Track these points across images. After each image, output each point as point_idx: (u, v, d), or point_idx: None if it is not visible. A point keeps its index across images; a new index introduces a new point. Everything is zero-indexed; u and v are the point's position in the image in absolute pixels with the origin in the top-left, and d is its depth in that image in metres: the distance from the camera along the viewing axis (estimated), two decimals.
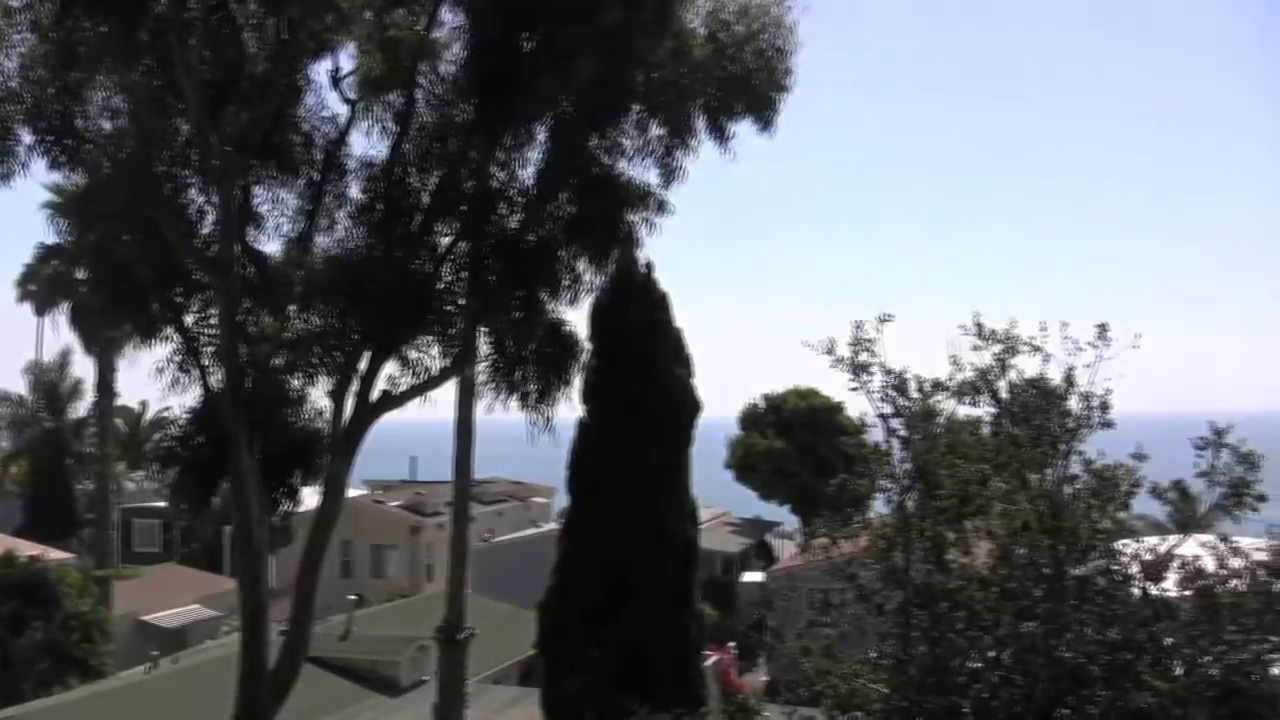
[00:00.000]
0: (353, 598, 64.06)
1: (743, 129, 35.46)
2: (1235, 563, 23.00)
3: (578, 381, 37.88)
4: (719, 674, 57.92)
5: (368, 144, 35.03)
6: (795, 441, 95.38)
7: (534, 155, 35.09)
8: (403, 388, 34.97)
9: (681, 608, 46.42)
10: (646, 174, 35.48)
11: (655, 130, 35.00)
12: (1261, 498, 22.60)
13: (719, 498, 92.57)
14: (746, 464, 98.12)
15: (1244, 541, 23.78)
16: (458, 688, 42.26)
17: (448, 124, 34.77)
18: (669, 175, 35.39)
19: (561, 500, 59.43)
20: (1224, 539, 23.34)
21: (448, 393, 37.81)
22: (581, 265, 35.34)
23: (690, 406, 47.83)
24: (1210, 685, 21.58)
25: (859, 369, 23.30)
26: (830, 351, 23.40)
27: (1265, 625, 22.25)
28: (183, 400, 35.32)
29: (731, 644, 64.23)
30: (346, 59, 34.52)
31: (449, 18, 34.61)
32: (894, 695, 22.66)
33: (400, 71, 33.99)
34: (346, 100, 34.81)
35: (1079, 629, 22.02)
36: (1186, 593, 22.71)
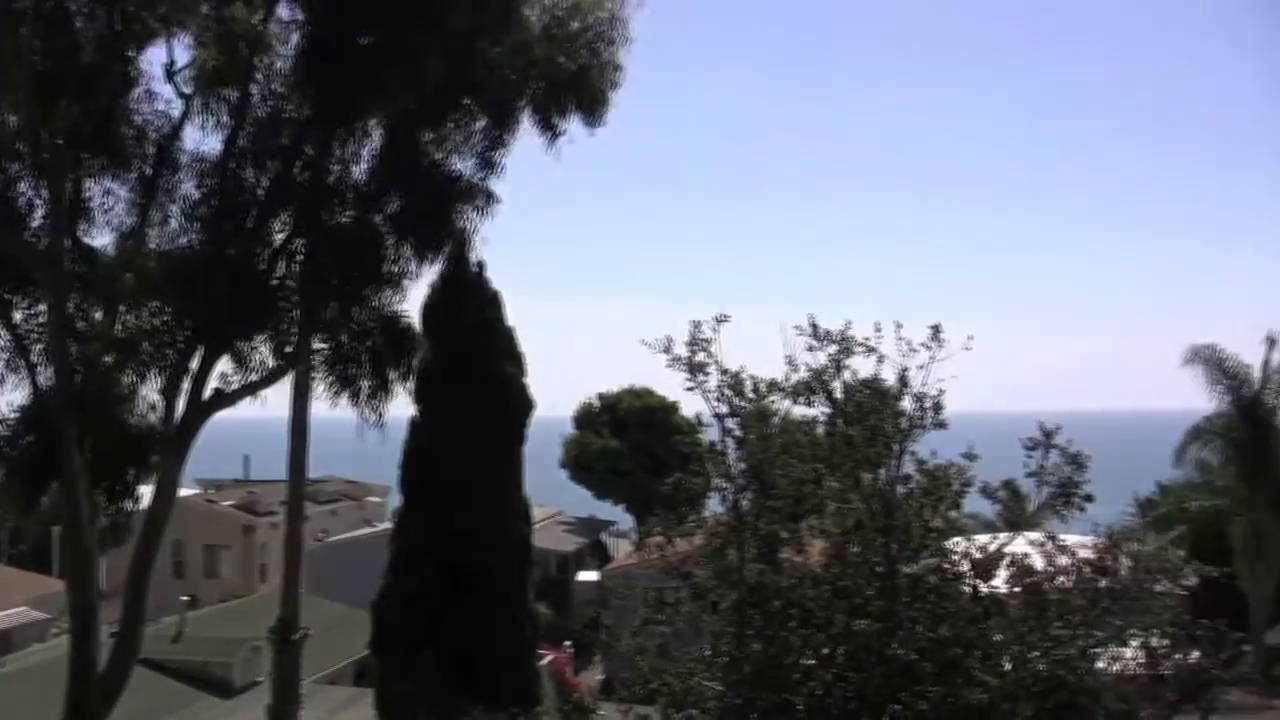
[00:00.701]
0: (185, 599, 63.28)
1: (575, 125, 35.57)
2: (1063, 560, 23.43)
3: (411, 379, 37.68)
4: (554, 673, 57.98)
5: (201, 138, 34.39)
6: (630, 441, 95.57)
7: (368, 150, 34.86)
8: (235, 385, 34.57)
9: (516, 607, 46.39)
10: (470, 167, 35.44)
11: (480, 124, 34.95)
12: (1089, 497, 23.02)
13: (554, 497, 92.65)
14: (581, 463, 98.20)
15: (1071, 540, 24.24)
16: (292, 688, 41.88)
17: (283, 118, 34.40)
18: (489, 168, 35.34)
19: (396, 499, 59.12)
20: (1052, 537, 23.77)
21: (282, 390, 37.42)
22: (412, 260, 35.18)
23: (523, 405, 47.81)
24: (1038, 680, 21.95)
25: (696, 369, 23.35)
26: (667, 351, 23.43)
27: (1090, 621, 22.69)
28: (10, 399, 34.61)
29: (567, 643, 64.34)
30: (181, 51, 34.02)
31: (286, 12, 34.26)
32: (729, 693, 22.76)
33: (236, 65, 33.55)
34: (181, 93, 34.28)
35: (911, 626, 22.27)
36: (1016, 590, 23.09)
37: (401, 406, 39.81)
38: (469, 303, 46.36)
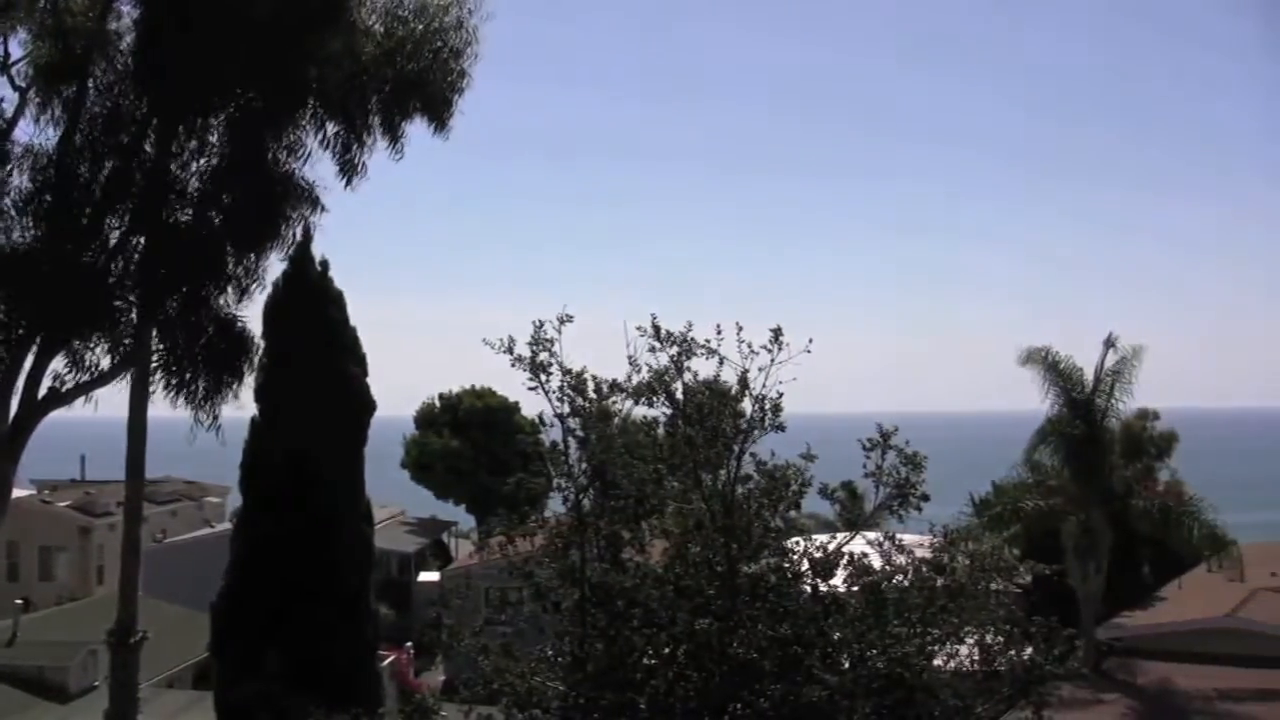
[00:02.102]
0: (19, 601, 62.13)
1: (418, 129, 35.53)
2: (900, 560, 23.78)
3: (250, 380, 37.41)
4: (396, 674, 57.76)
5: (35, 131, 33.92)
6: (471, 441, 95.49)
7: (208, 149, 34.56)
8: (71, 385, 34.12)
9: (357, 608, 46.12)
10: (323, 171, 35.24)
11: (331, 128, 34.76)
12: (925, 497, 23.37)
13: (395, 497, 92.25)
14: (422, 464, 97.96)
15: (909, 539, 24.60)
16: (130, 692, 41.35)
17: (121, 115, 34.01)
18: (349, 173, 35.18)
19: (236, 500, 58.58)
20: (890, 537, 24.11)
21: (120, 389, 36.95)
22: (251, 262, 34.93)
23: (364, 405, 47.56)
24: (876, 677, 22.25)
25: (538, 369, 23.40)
26: (510, 351, 23.45)
27: (928, 619, 23.07)
28: None
29: (408, 644, 64.05)
30: (16, 45, 33.55)
31: (125, 8, 33.90)
32: (571, 693, 22.82)
33: (73, 60, 33.13)
34: (15, 87, 33.80)
35: (751, 625, 22.49)
36: (854, 589, 23.39)
37: (243, 406, 39.54)
38: (311, 302, 46.02)
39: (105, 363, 34.32)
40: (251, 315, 37.03)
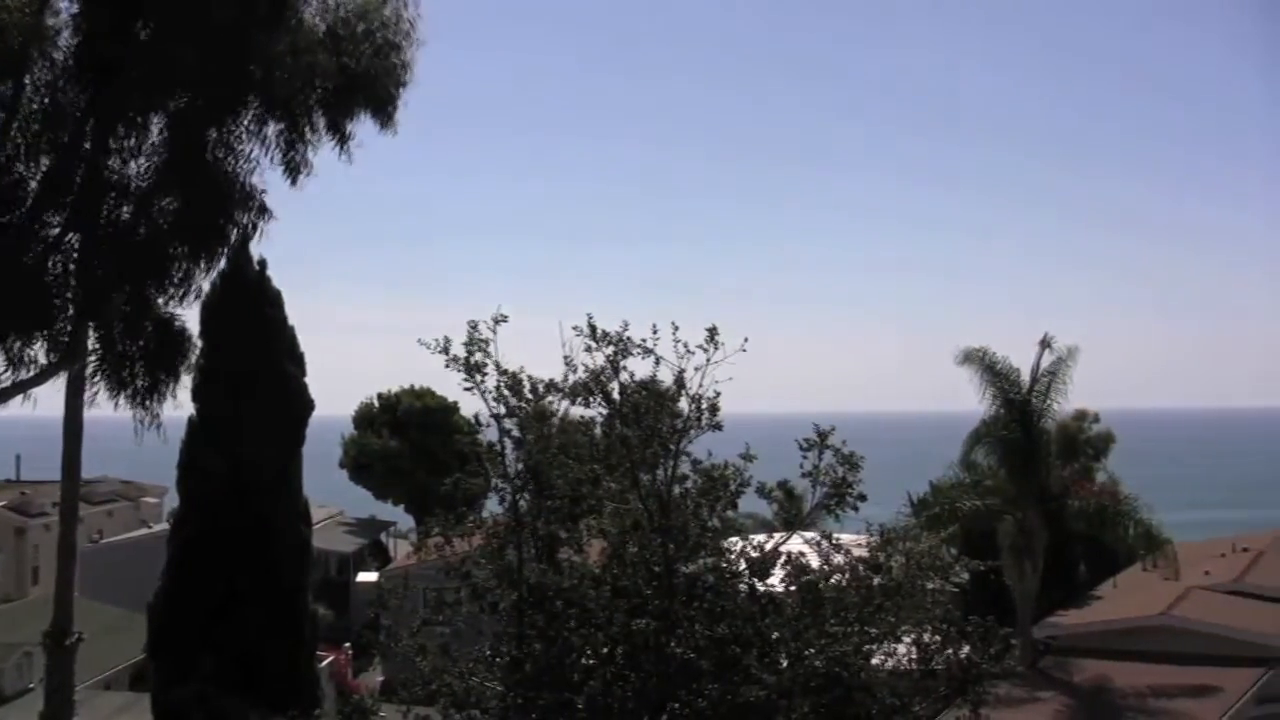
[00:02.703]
0: None
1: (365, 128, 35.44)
2: (837, 559, 23.90)
3: (189, 380, 37.25)
4: (334, 675, 57.58)
5: None
6: (410, 441, 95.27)
7: (148, 148, 34.34)
8: (7, 383, 33.89)
9: (295, 609, 46.02)
10: (266, 172, 35.09)
11: (274, 127, 34.64)
12: (862, 496, 23.50)
13: (334, 498, 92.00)
14: (361, 464, 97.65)
15: (847, 538, 24.71)
16: (66, 695, 41.04)
17: (60, 112, 33.75)
18: (293, 172, 35.06)
19: (173, 500, 58.27)
20: (827, 536, 24.21)
21: (55, 388, 36.70)
22: (191, 262, 34.75)
23: (302, 405, 47.45)
24: (814, 676, 22.36)
25: (473, 369, 23.39)
26: (445, 351, 23.43)
27: (865, 618, 23.20)
28: None
29: (347, 644, 63.91)
30: None
31: (64, 4, 33.67)
32: (509, 693, 22.84)
33: (9, 56, 32.85)
34: None
35: (689, 625, 22.57)
36: (792, 588, 23.49)
37: (182, 406, 39.33)
38: (250, 302, 45.89)
39: (42, 360, 34.05)
40: (190, 315, 36.82)
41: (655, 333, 23.15)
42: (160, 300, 35.02)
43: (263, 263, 46.00)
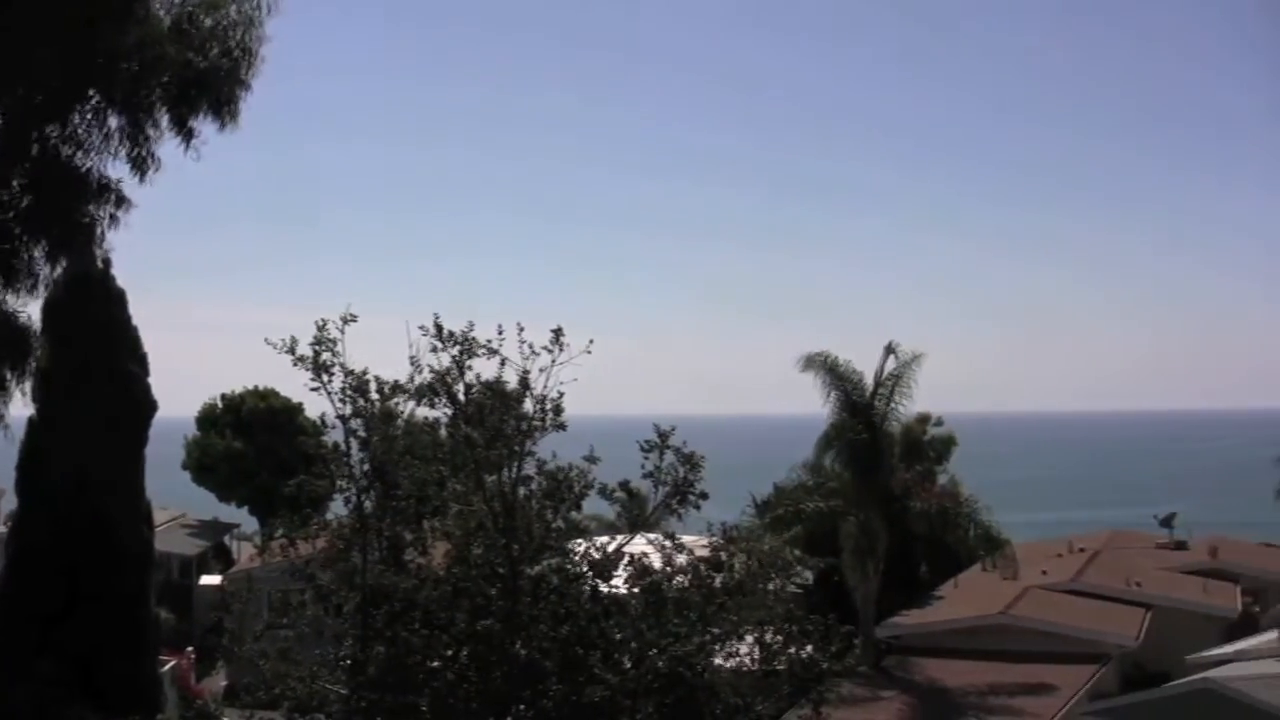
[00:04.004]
0: None
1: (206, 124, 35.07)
2: (680, 559, 24.10)
3: (30, 378, 36.70)
4: (177, 679, 56.93)
5: None
6: (254, 442, 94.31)
7: None
8: None
9: (136, 612, 45.45)
10: (111, 166, 34.62)
11: (115, 121, 34.20)
12: (704, 495, 23.72)
13: (177, 500, 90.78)
14: (204, 465, 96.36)
15: (690, 539, 24.92)
16: None
17: None
18: (140, 167, 34.63)
19: (11, 501, 57.33)
20: (671, 537, 24.40)
21: None
22: (36, 257, 34.23)
23: (144, 406, 46.90)
24: (657, 677, 22.53)
25: (320, 369, 23.32)
26: (292, 351, 23.35)
27: (707, 618, 23.43)
28: None
29: (189, 648, 63.19)
30: None
31: None
32: (353, 695, 22.81)
33: None
34: None
35: (533, 626, 22.67)
36: (635, 589, 23.65)
37: (26, 404, 38.74)
38: (92, 301, 45.27)
39: None
40: (32, 311, 36.22)
41: (501, 333, 23.23)
42: (4, 295, 34.45)
43: (107, 261, 45.35)
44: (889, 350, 47.00)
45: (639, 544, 24.56)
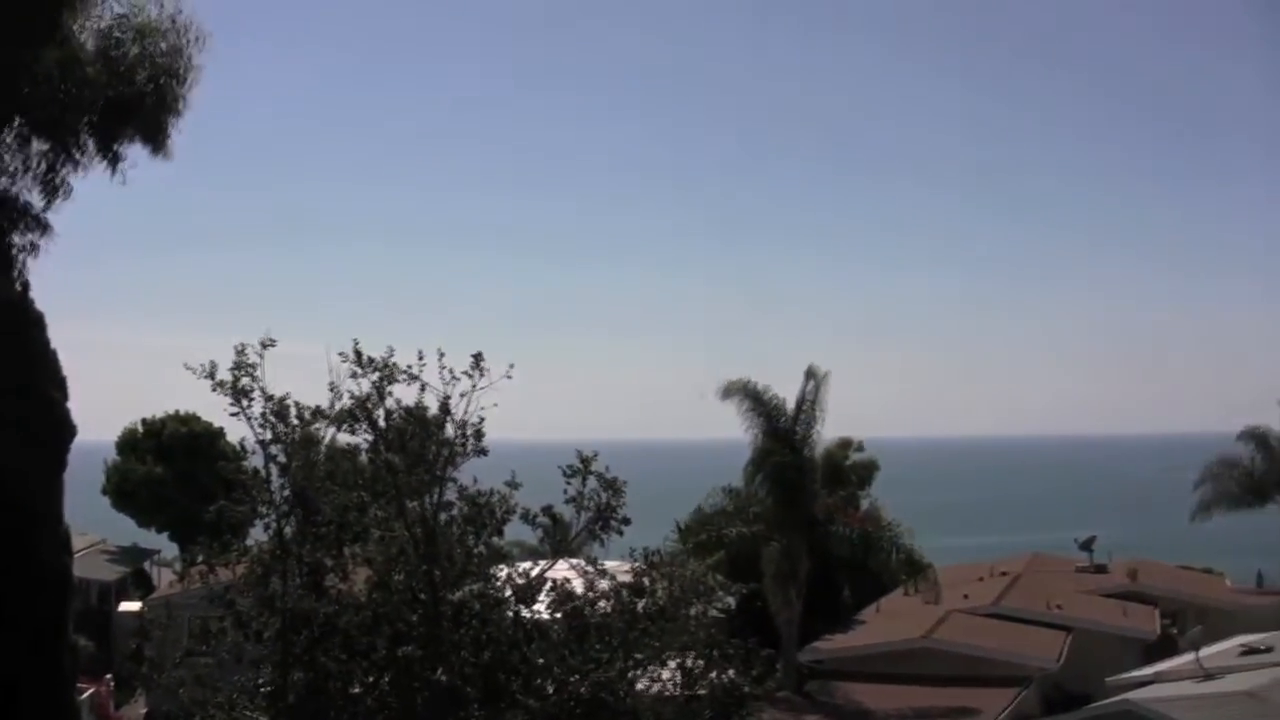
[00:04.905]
0: None
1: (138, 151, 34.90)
2: (603, 585, 24.09)
3: None
4: (96, 707, 56.46)
5: None
6: (175, 467, 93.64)
7: None
8: None
9: (54, 640, 44.99)
10: (27, 191, 34.39)
11: (38, 146, 33.96)
12: (626, 521, 23.75)
13: (96, 524, 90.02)
14: (124, 490, 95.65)
15: (612, 564, 24.92)
16: None
17: None
18: (51, 193, 34.38)
19: None
20: (593, 562, 24.39)
21: None
22: None
23: (64, 429, 46.48)
24: (580, 703, 22.55)
25: (239, 394, 23.22)
26: (211, 376, 23.24)
27: (630, 643, 23.43)
28: None
29: (109, 676, 62.66)
30: None
31: None
32: None
33: None
34: None
35: (455, 652, 22.61)
36: (558, 615, 23.64)
37: None
38: (10, 324, 44.90)
39: None
40: None
41: (421, 359, 23.22)
42: None
43: (25, 284, 45.02)
44: (809, 375, 47.12)
45: (562, 569, 24.56)
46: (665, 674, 24.51)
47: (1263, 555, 71.48)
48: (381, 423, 23.40)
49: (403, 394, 23.53)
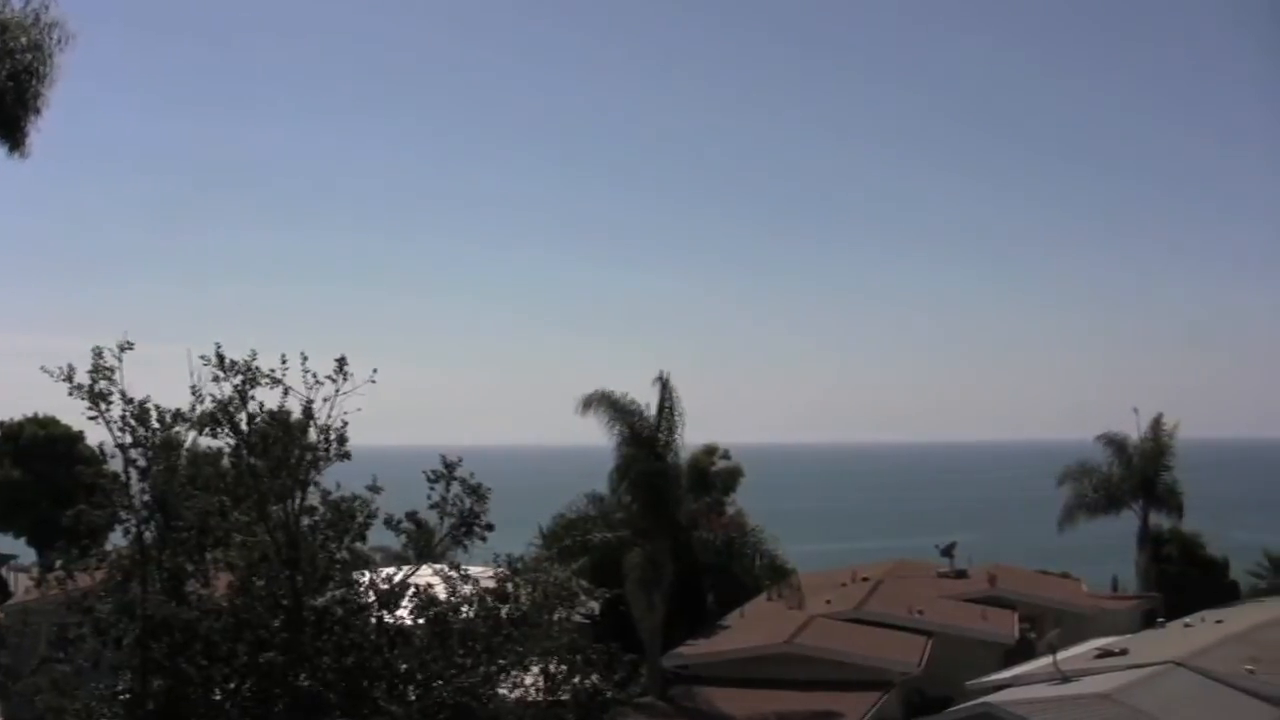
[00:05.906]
0: None
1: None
2: (466, 590, 24.11)
3: None
4: None
5: None
6: (33, 471, 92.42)
7: None
8: None
9: None
10: None
11: None
12: (489, 527, 23.79)
13: None
14: None
15: (475, 570, 24.93)
16: None
17: None
18: None
19: None
20: (456, 567, 24.40)
21: None
22: None
23: None
24: (443, 708, 22.56)
25: (97, 397, 22.96)
26: (69, 379, 22.96)
27: (493, 648, 23.48)
28: None
29: None
30: None
31: None
32: None
33: None
34: None
35: (317, 657, 22.51)
36: (421, 620, 23.61)
37: None
38: None
39: None
40: None
41: (284, 362, 23.10)
42: None
43: None
44: (663, 381, 47.19)
45: (425, 575, 24.54)
46: (529, 679, 24.57)
47: (1117, 560, 72.60)
48: (244, 426, 23.25)
49: (266, 398, 23.41)
